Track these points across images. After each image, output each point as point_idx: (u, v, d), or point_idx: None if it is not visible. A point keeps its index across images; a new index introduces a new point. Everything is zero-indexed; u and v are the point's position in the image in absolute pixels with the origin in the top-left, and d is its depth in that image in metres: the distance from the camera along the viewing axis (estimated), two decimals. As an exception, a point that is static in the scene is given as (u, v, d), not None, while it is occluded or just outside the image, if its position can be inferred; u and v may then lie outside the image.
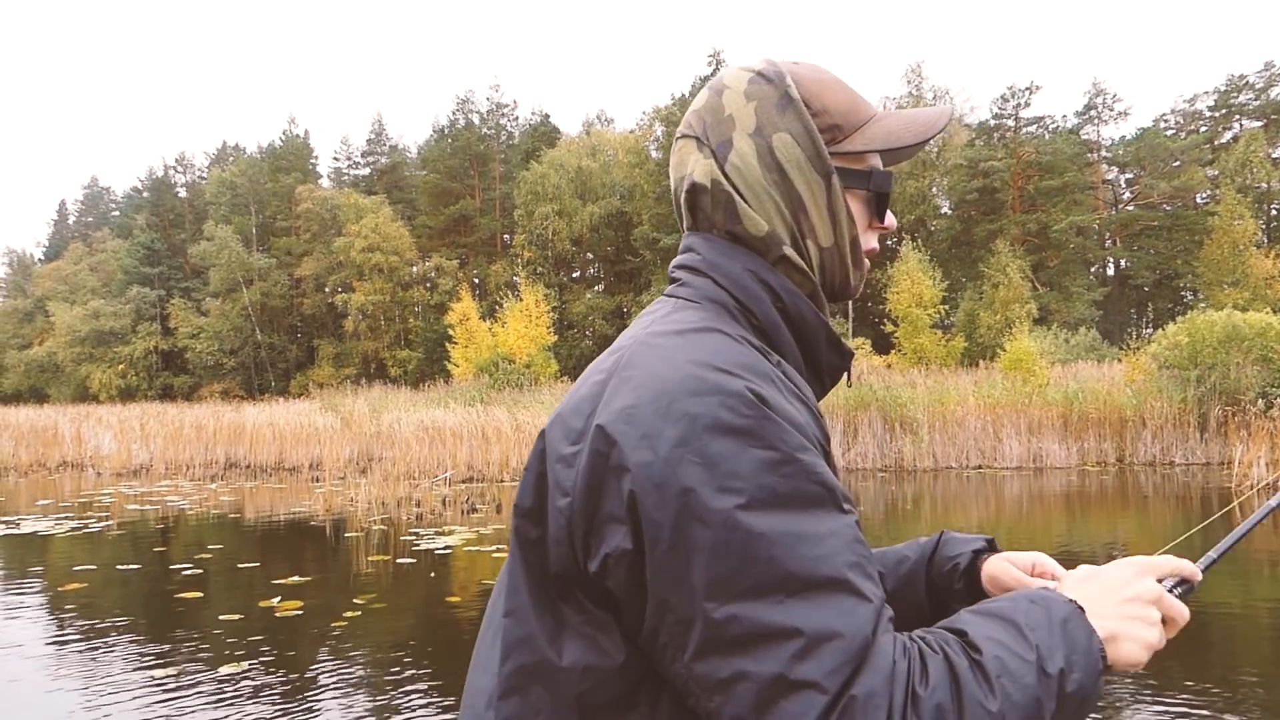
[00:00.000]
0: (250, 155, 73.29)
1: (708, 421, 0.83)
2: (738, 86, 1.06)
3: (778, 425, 0.84)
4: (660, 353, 0.92)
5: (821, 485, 0.84)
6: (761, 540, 0.79)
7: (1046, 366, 21.72)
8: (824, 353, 1.06)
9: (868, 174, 1.07)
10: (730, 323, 0.99)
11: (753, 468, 0.81)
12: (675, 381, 0.87)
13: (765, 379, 0.89)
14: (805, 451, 0.85)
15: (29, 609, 7.50)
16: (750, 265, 1.03)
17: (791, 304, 1.03)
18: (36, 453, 22.31)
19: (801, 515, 0.82)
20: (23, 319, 74.33)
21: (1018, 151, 47.29)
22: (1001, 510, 12.20)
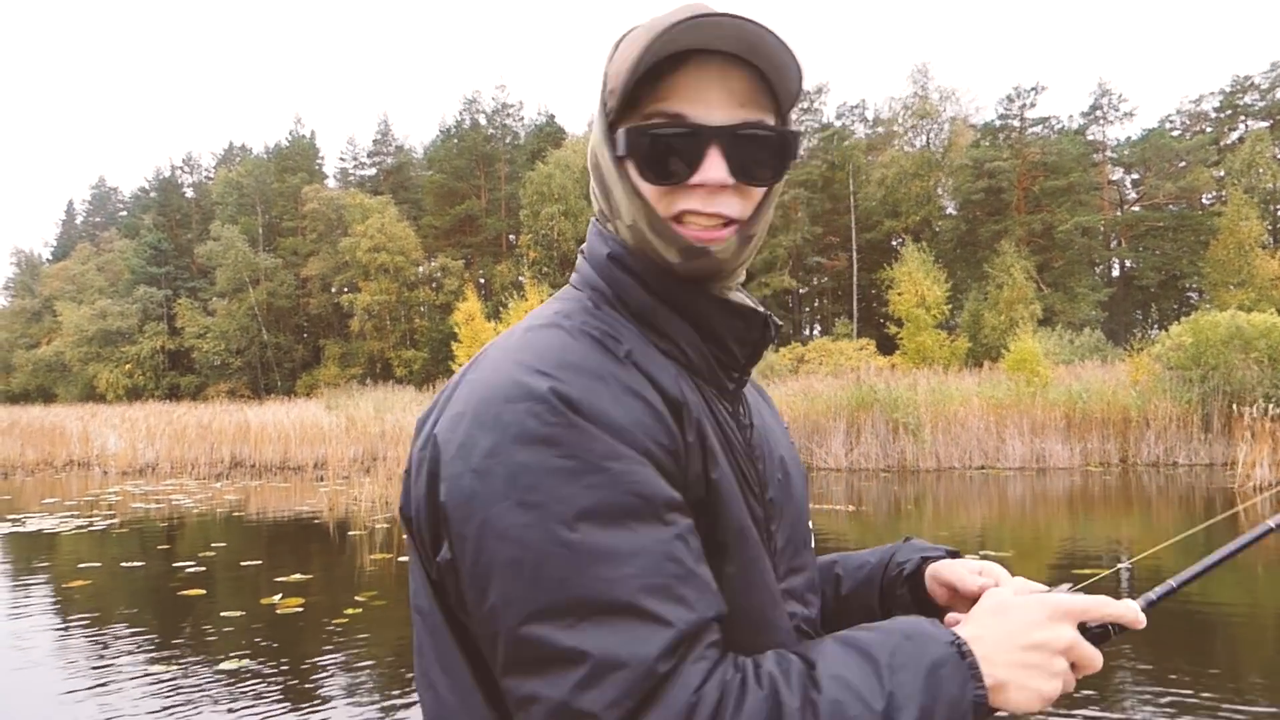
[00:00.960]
0: (257, 155, 73.54)
1: (515, 430, 0.79)
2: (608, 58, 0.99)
3: (583, 431, 0.78)
4: (497, 354, 0.89)
5: (634, 495, 0.78)
6: (555, 559, 0.75)
7: (1050, 367, 21.71)
8: (720, 324, 0.97)
9: (622, 139, 0.94)
10: (587, 312, 0.94)
11: (552, 480, 0.76)
12: (495, 387, 0.83)
13: (592, 377, 0.83)
14: (616, 460, 0.78)
15: (35, 605, 7.57)
16: (614, 251, 0.98)
17: (657, 284, 0.95)
18: (43, 451, 22.44)
19: (602, 531, 0.76)
20: (30, 319, 74.62)
21: (1023, 152, 47.27)
22: (1004, 510, 12.21)
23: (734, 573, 0.89)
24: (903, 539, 1.20)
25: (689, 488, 0.86)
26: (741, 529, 0.90)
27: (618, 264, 0.97)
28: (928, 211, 49.17)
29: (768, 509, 1.00)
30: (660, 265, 0.95)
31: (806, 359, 36.91)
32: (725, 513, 0.89)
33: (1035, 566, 8.64)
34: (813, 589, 1.08)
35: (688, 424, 0.88)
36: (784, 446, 1.12)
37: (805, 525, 1.09)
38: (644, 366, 0.89)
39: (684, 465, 0.86)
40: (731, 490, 0.90)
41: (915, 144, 53.87)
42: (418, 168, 72.23)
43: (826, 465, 17.63)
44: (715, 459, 0.90)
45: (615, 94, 0.92)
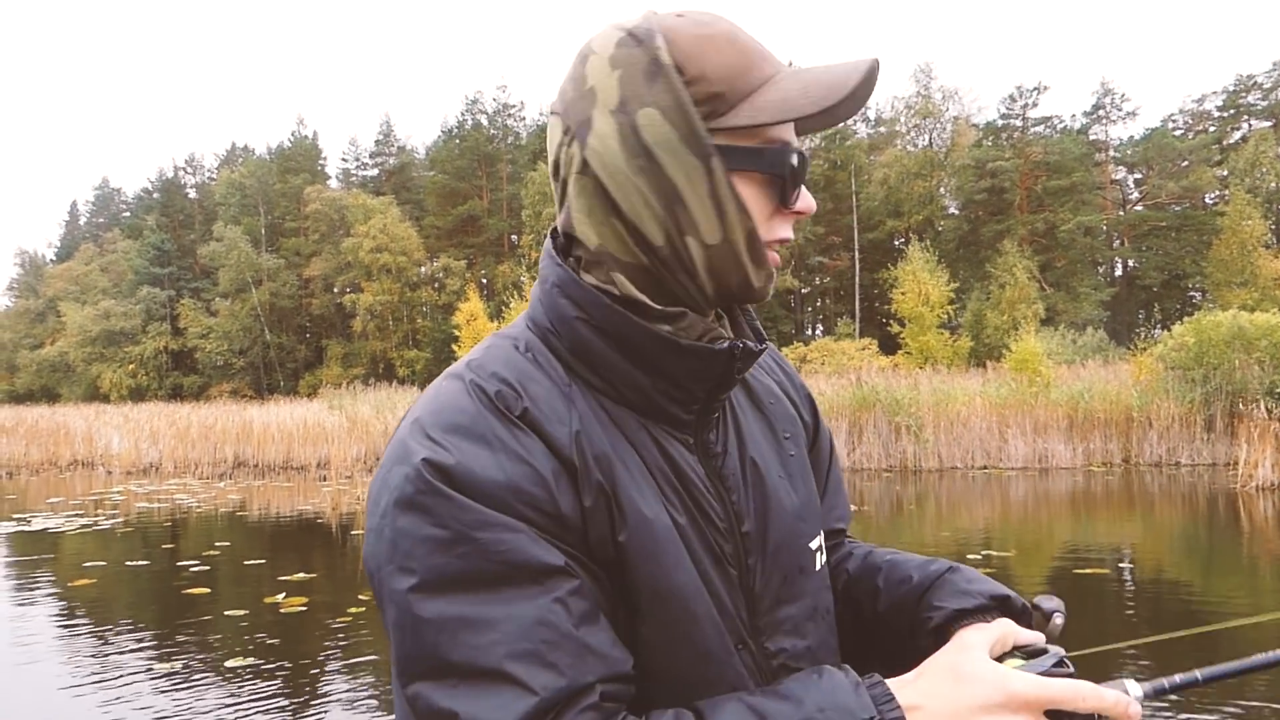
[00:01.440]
0: (259, 156, 73.76)
1: (396, 495, 0.79)
2: (604, 51, 0.87)
3: (451, 502, 0.77)
4: (415, 405, 0.89)
5: (503, 564, 0.77)
6: (429, 625, 0.76)
7: (1053, 367, 21.71)
8: (670, 365, 0.89)
9: (759, 152, 0.87)
10: (509, 356, 0.90)
11: (425, 548, 0.77)
12: (395, 445, 0.84)
13: (475, 440, 0.81)
14: (486, 529, 0.77)
15: (40, 603, 7.61)
16: (559, 279, 0.91)
17: (603, 318, 0.88)
18: (48, 451, 22.52)
19: (469, 599, 0.76)
20: (34, 319, 74.82)
21: (1025, 152, 47.29)
22: (1007, 510, 12.22)
23: (650, 634, 0.85)
24: (946, 567, 1.05)
25: (594, 552, 0.83)
26: (659, 591, 0.85)
27: (561, 292, 0.90)
28: (930, 211, 49.20)
29: (742, 543, 0.93)
30: (725, 290, 0.90)
31: (809, 359, 36.93)
32: (637, 575, 0.84)
33: (1036, 566, 8.67)
34: (813, 616, 1.00)
35: (585, 486, 0.84)
36: (779, 461, 1.02)
37: (804, 548, 1.00)
38: (541, 426, 0.84)
39: (580, 531, 0.83)
40: (648, 550, 0.85)
41: (918, 144, 53.89)
42: (420, 168, 72.39)
43: (830, 465, 17.62)
44: (625, 519, 0.84)
45: (723, 100, 0.85)
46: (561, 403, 0.87)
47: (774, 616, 0.95)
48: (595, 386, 0.90)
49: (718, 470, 0.94)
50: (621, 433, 0.88)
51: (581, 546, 0.83)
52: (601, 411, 0.88)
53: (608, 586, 0.84)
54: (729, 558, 0.92)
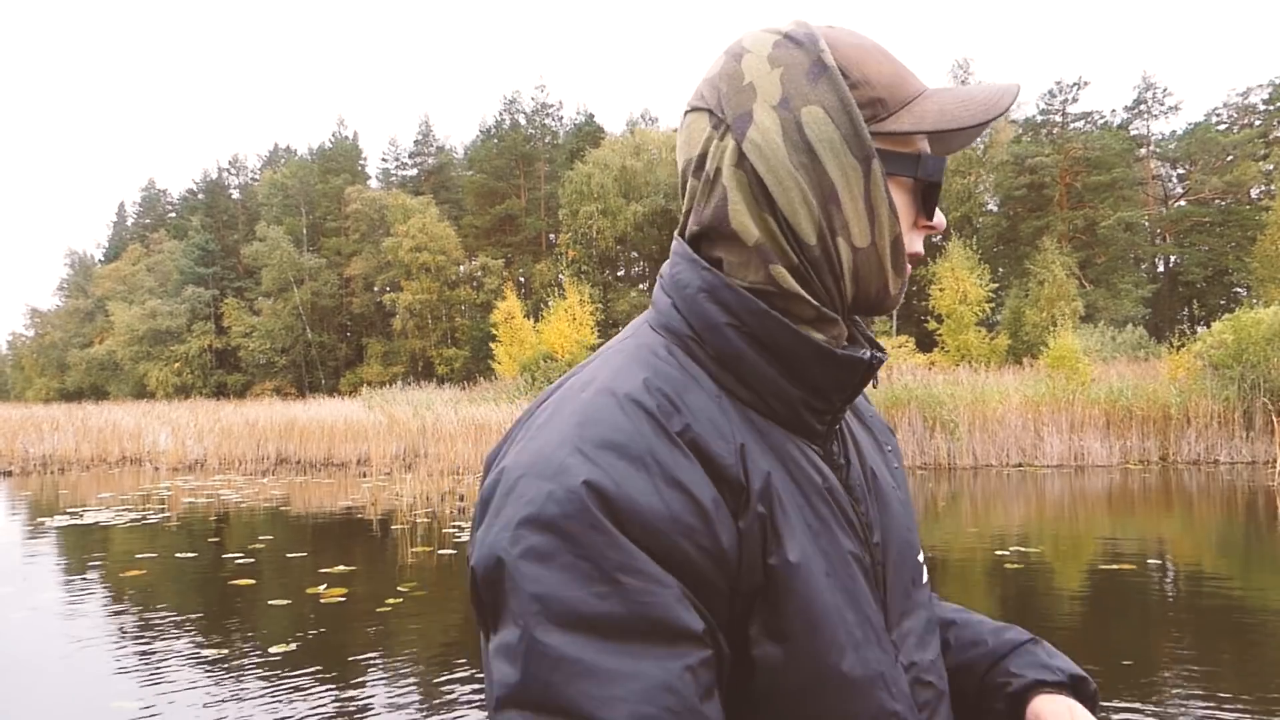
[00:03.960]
0: (301, 157, 74.62)
1: (534, 511, 0.73)
2: (760, 50, 0.88)
3: (605, 536, 0.72)
4: (554, 416, 0.83)
5: (643, 617, 0.71)
6: (546, 659, 0.70)
7: (1090, 364, 21.55)
8: (816, 371, 0.87)
9: (916, 158, 0.88)
10: (647, 369, 0.85)
11: (559, 577, 0.71)
12: (536, 455, 0.78)
13: (633, 462, 0.76)
14: (632, 574, 0.72)
15: (92, 593, 7.91)
16: (706, 283, 0.87)
17: (758, 325, 0.85)
18: (98, 448, 23.07)
19: (599, 645, 0.70)
20: (84, 318, 76.31)
21: (1065, 147, 46.70)
22: (1042, 508, 12.19)
23: (799, 665, 0.81)
24: (1028, 639, 1.07)
25: (741, 579, 0.79)
26: (812, 616, 0.82)
27: (710, 297, 0.87)
28: (969, 208, 48.73)
29: (874, 554, 0.91)
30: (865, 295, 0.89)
31: (845, 357, 36.81)
32: (787, 600, 0.81)
33: (1070, 563, 8.69)
34: (929, 628, 0.99)
35: (744, 510, 0.80)
36: (886, 472, 1.00)
37: (915, 560, 1.00)
38: (701, 444, 0.80)
39: (734, 561, 0.79)
40: (800, 574, 0.82)
41: (956, 140, 53.44)
42: (458, 168, 72.80)
43: (861, 463, 17.64)
44: (779, 541, 0.81)
45: (883, 105, 0.86)
46: (719, 414, 0.83)
47: (902, 629, 0.93)
48: (742, 399, 0.86)
49: (845, 481, 0.92)
50: (770, 447, 0.85)
51: (731, 578, 0.79)
52: (750, 424, 0.85)
53: (726, 655, 0.79)
54: (869, 571, 0.90)
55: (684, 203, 0.93)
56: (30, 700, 5.15)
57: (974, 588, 7.65)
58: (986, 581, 7.78)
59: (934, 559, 8.77)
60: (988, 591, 7.46)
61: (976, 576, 8.03)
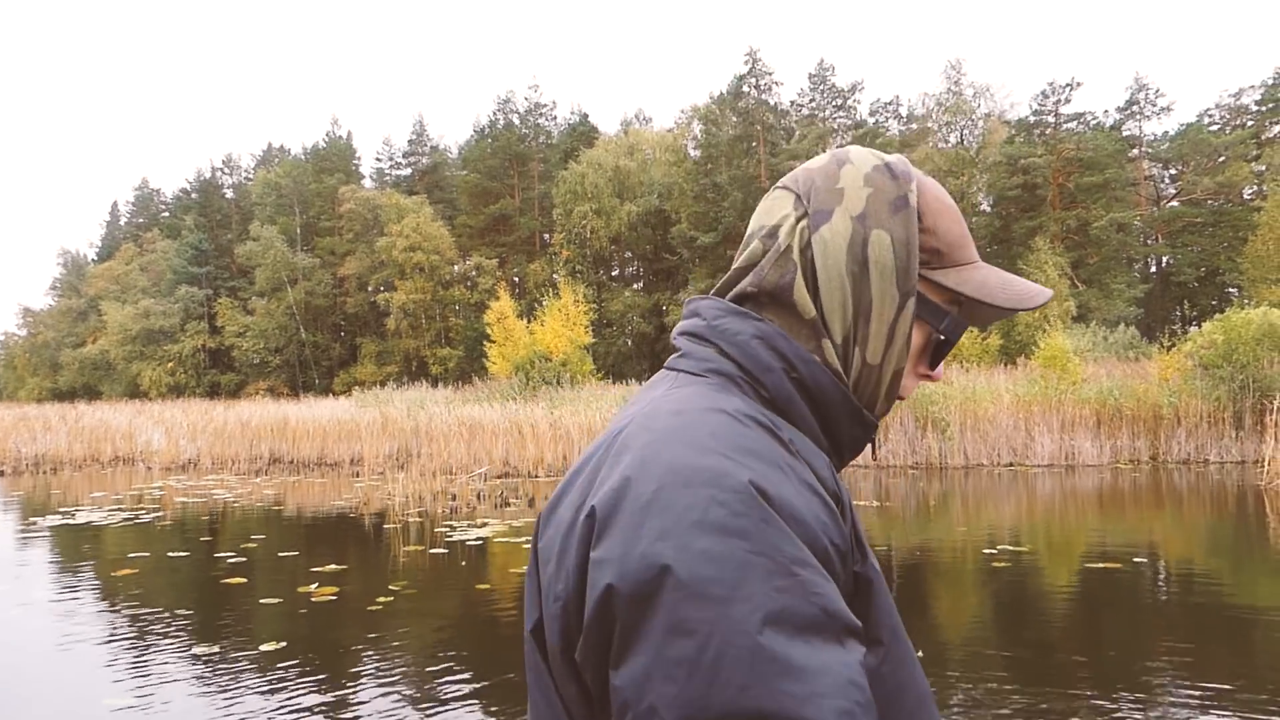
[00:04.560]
0: (294, 156, 74.54)
1: (696, 516, 0.71)
2: (861, 166, 0.97)
3: (778, 530, 0.72)
4: (654, 436, 0.81)
5: (822, 611, 0.71)
6: (738, 662, 0.66)
7: (1082, 364, 21.65)
8: (845, 427, 0.94)
9: (945, 314, 0.97)
10: (736, 397, 0.88)
11: (741, 575, 0.69)
12: (666, 468, 0.76)
13: (773, 466, 0.78)
14: (805, 567, 0.72)
15: (84, 591, 7.93)
16: (760, 331, 0.93)
17: (808, 373, 0.91)
18: (90, 448, 23.05)
19: (789, 642, 0.68)
20: (77, 318, 76.14)
21: (1058, 148, 46.78)
22: (1033, 507, 12.26)
23: (889, 673, 0.84)
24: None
25: (846, 583, 0.82)
26: (894, 625, 0.87)
27: (765, 345, 0.92)
28: (962, 208, 48.80)
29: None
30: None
31: (838, 357, 36.91)
32: (876, 609, 0.84)
33: (1062, 562, 8.75)
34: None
35: (844, 515, 0.85)
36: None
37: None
38: (806, 455, 0.86)
39: (848, 565, 0.83)
40: (881, 584, 0.87)
41: (949, 141, 53.57)
42: (452, 167, 72.80)
43: (855, 463, 17.69)
44: (863, 550, 0.87)
45: (940, 258, 0.97)
46: (804, 437, 0.90)
47: None
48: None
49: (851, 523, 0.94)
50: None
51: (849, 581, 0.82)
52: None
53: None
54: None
55: (739, 259, 1.00)
56: (23, 696, 5.18)
57: (964, 587, 7.71)
58: (976, 580, 7.84)
59: (933, 561, 8.83)
60: (977, 590, 7.52)
61: (966, 575, 8.09)
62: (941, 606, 7.07)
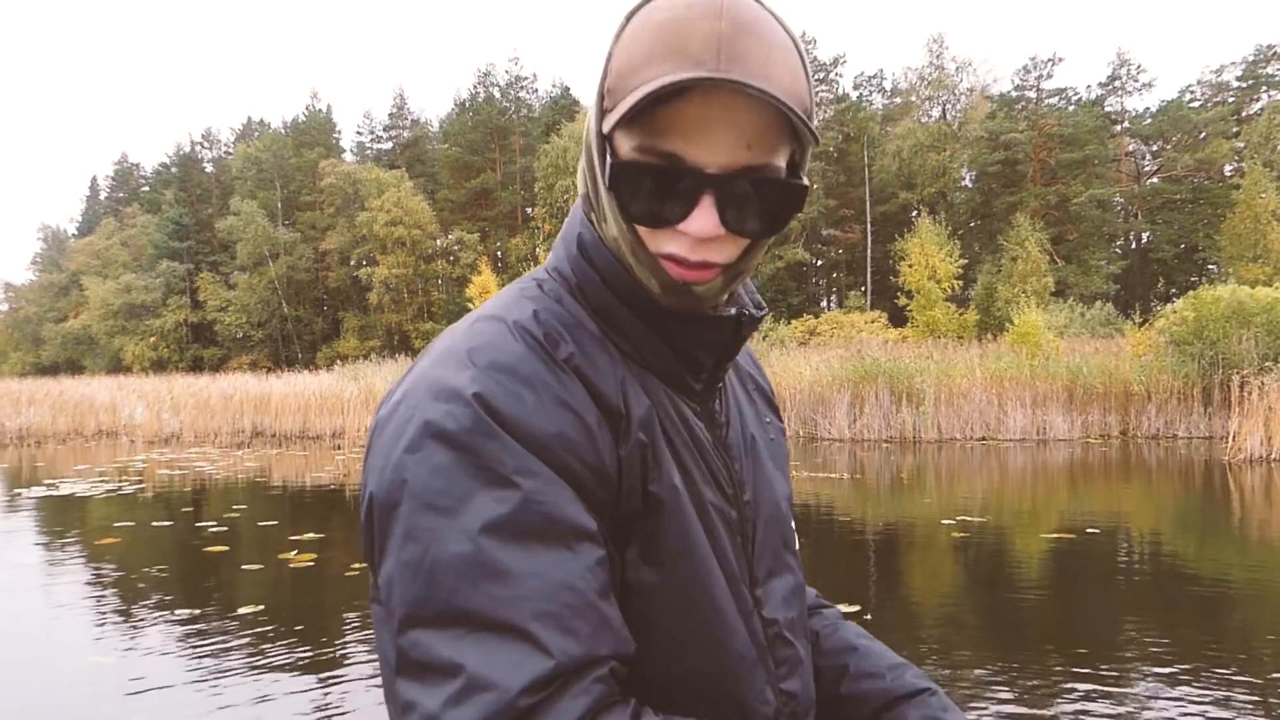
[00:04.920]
0: (274, 130, 74.03)
1: (435, 430, 0.76)
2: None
3: (498, 440, 0.75)
4: (443, 344, 0.86)
5: (542, 516, 0.74)
6: (449, 568, 0.72)
7: (1055, 340, 21.94)
8: (682, 335, 0.89)
9: (610, 167, 0.82)
10: (542, 302, 0.89)
11: (462, 487, 0.74)
12: (428, 380, 0.80)
13: (521, 382, 0.79)
14: (529, 476, 0.75)
15: (69, 560, 8.09)
16: (585, 240, 0.91)
17: (618, 284, 0.88)
18: (74, 421, 23.16)
19: (502, 547, 0.73)
20: (58, 293, 75.63)
21: (1039, 123, 47.04)
22: (1004, 480, 12.46)
23: (672, 591, 0.84)
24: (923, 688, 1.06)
25: (621, 502, 0.82)
26: (684, 546, 0.85)
27: (584, 255, 0.90)
28: (943, 184, 49.06)
29: (743, 510, 0.95)
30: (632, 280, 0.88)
31: (818, 331, 37.18)
32: (664, 527, 0.84)
33: (1028, 534, 8.96)
34: (796, 591, 1.02)
35: (625, 436, 0.83)
36: (764, 441, 1.05)
37: (787, 525, 1.03)
38: (585, 372, 0.83)
39: (614, 481, 0.82)
40: (676, 504, 0.85)
41: (931, 115, 53.69)
42: (433, 141, 72.48)
43: (830, 436, 18.01)
44: (659, 470, 0.85)
45: (615, 97, 0.81)
46: (603, 351, 0.87)
47: (768, 587, 0.96)
48: (623, 350, 0.89)
49: (723, 439, 0.96)
50: (647, 393, 0.88)
51: (612, 497, 0.82)
52: (630, 372, 0.88)
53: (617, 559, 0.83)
54: (734, 524, 0.93)
55: None
56: (13, 655, 5.37)
57: (933, 558, 7.93)
58: (945, 552, 8.06)
59: (893, 531, 9.07)
60: (947, 561, 7.74)
61: (936, 547, 8.31)
62: (912, 577, 7.27)
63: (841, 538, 8.57)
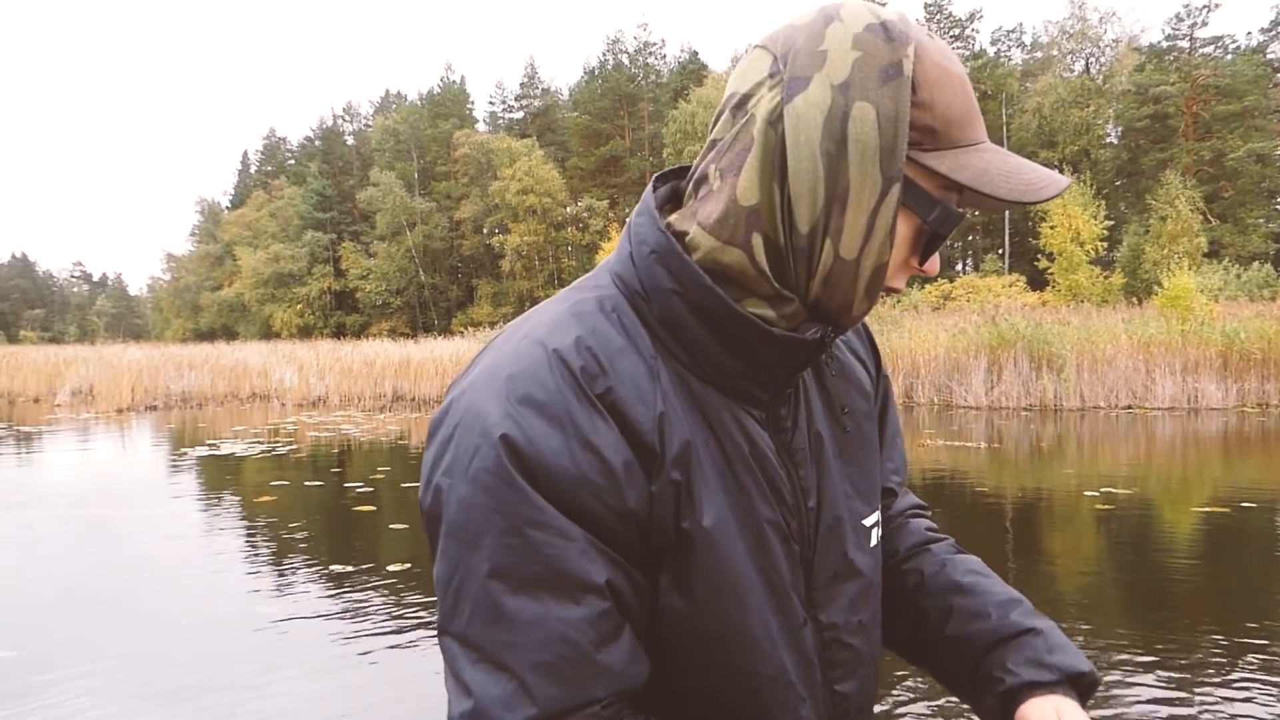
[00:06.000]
0: (411, 102, 76.04)
1: (464, 462, 0.79)
2: (852, 25, 0.82)
3: (516, 491, 0.77)
4: (490, 356, 0.88)
5: (547, 569, 0.77)
6: (469, 599, 0.78)
7: (1209, 303, 20.76)
8: (756, 350, 0.87)
9: (935, 203, 0.84)
10: (596, 318, 0.87)
11: (479, 526, 0.78)
12: (468, 401, 0.83)
13: (550, 421, 0.79)
14: (540, 529, 0.77)
15: (229, 517, 8.66)
16: (660, 245, 0.86)
17: (699, 299, 0.85)
18: (230, 385, 24.49)
19: (507, 592, 0.77)
20: (214, 263, 79.91)
21: (1192, 75, 44.22)
22: (1152, 451, 11.93)
23: (702, 618, 0.86)
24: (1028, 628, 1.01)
25: (653, 536, 0.84)
26: (718, 581, 0.86)
27: (663, 264, 0.86)
28: (1086, 141, 46.74)
29: (804, 518, 0.94)
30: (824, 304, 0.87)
31: (953, 296, 36.15)
32: (696, 562, 0.85)
33: (1181, 508, 8.63)
34: (867, 592, 1.01)
35: (657, 474, 0.83)
36: (837, 437, 1.01)
37: (860, 525, 1.01)
38: (621, 408, 0.82)
39: (644, 519, 0.83)
40: (709, 541, 0.85)
41: (1074, 69, 51.13)
42: (563, 109, 73.17)
43: (966, 404, 17.56)
44: (693, 506, 0.84)
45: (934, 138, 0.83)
46: (647, 380, 0.84)
47: (830, 591, 0.96)
48: (681, 361, 0.87)
49: (787, 445, 0.93)
50: (703, 414, 0.87)
51: (640, 536, 0.83)
52: (684, 389, 0.86)
53: (642, 586, 0.85)
54: (794, 534, 0.92)
55: (711, 130, 0.89)
56: (184, 607, 5.82)
57: (1076, 531, 7.72)
58: (1086, 525, 7.82)
59: (1033, 502, 8.84)
60: (1090, 535, 7.51)
61: (1076, 520, 8.08)
62: (1053, 551, 7.07)
63: (978, 508, 8.41)
